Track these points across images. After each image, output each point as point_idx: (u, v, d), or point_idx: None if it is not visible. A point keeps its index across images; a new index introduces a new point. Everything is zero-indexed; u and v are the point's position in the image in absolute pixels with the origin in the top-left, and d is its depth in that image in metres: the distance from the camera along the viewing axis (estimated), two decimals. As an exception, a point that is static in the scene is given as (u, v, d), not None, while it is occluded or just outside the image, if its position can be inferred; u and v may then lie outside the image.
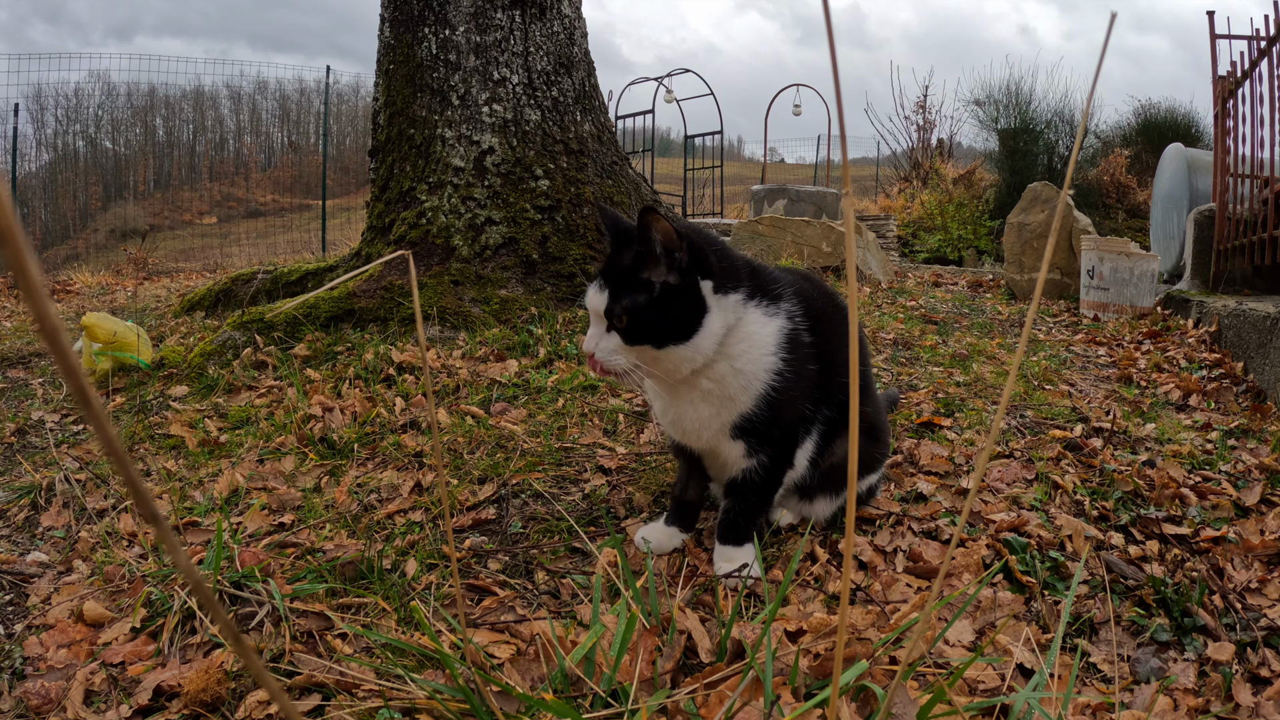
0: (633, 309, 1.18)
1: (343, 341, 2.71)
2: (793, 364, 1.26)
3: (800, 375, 1.28)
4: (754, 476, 1.34)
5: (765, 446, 1.32)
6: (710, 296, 1.21)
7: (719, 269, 1.22)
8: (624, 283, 1.19)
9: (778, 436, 1.31)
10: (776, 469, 1.35)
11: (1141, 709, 1.08)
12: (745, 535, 1.39)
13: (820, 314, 1.34)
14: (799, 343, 1.28)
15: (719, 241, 1.30)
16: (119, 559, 1.50)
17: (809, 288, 1.39)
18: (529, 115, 3.34)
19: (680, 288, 1.19)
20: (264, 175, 23.40)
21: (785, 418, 1.30)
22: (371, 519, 1.65)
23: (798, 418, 1.33)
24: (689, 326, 1.19)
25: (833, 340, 1.35)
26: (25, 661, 1.22)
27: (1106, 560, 1.43)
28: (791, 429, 1.33)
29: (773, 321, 1.26)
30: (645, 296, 1.19)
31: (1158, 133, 12.07)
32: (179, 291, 4.97)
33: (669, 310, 1.19)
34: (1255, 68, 4.01)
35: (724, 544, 1.39)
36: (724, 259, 1.25)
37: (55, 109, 19.22)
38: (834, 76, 0.41)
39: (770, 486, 1.37)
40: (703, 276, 1.20)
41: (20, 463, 2.04)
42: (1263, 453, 2.00)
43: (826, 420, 1.38)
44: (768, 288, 1.28)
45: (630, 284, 1.19)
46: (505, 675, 1.11)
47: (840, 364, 1.35)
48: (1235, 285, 4.11)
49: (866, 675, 1.06)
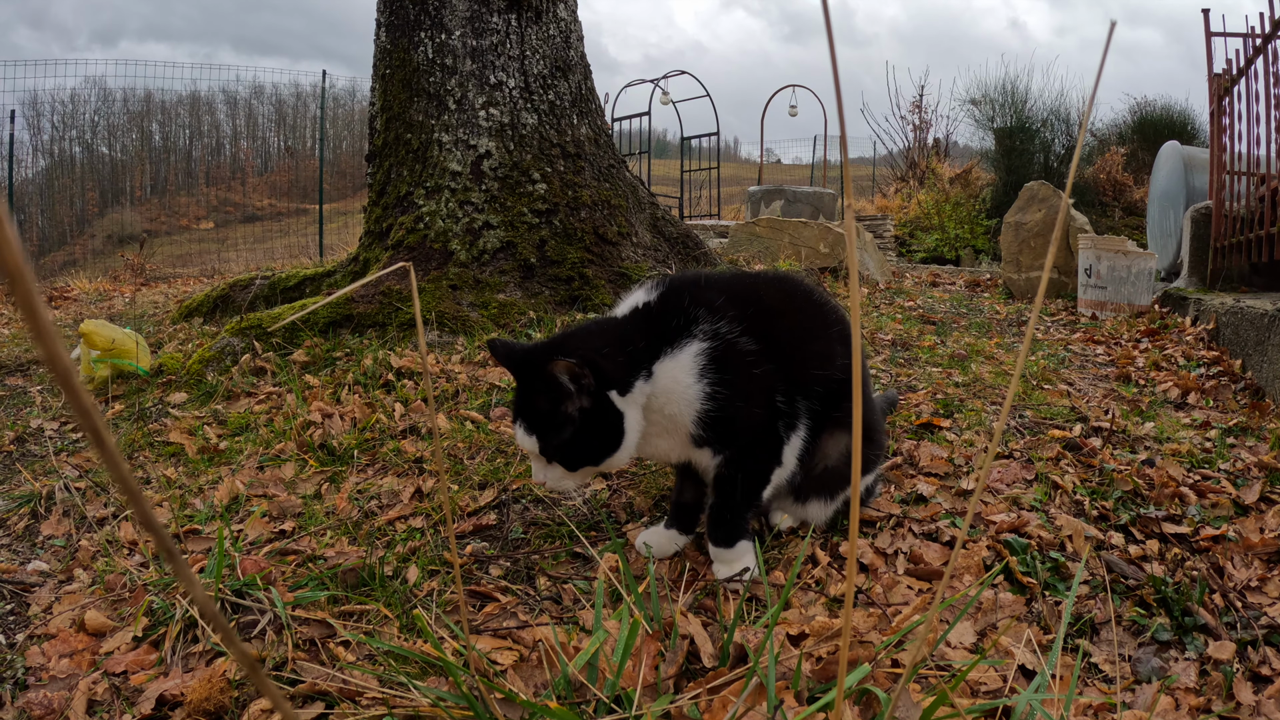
0: (563, 444, 1.27)
1: (341, 347, 2.71)
2: (727, 377, 1.30)
3: (742, 381, 1.31)
4: (730, 472, 1.37)
5: (731, 447, 1.35)
6: (619, 400, 1.27)
7: (619, 374, 1.27)
8: (547, 423, 1.27)
9: (744, 438, 1.34)
10: (755, 465, 1.37)
11: (1143, 709, 1.08)
12: (735, 533, 1.39)
13: (774, 312, 1.38)
14: (733, 353, 1.31)
15: (611, 329, 1.33)
16: (120, 567, 1.50)
17: (760, 289, 1.42)
18: (526, 119, 3.34)
19: (595, 408, 1.26)
20: (260, 180, 23.39)
21: (741, 421, 1.33)
22: (372, 525, 1.64)
23: (764, 416, 1.35)
24: (615, 437, 1.28)
25: (796, 334, 1.38)
26: (27, 671, 1.22)
27: (1107, 560, 1.43)
28: (759, 427, 1.35)
29: (684, 354, 1.30)
30: (570, 429, 1.27)
31: (1154, 130, 12.10)
32: (177, 297, 4.97)
33: (594, 432, 1.27)
34: (1251, 65, 4.02)
35: (715, 544, 1.40)
36: (621, 350, 1.29)
37: (51, 115, 19.21)
38: (835, 88, 0.42)
39: (753, 482, 1.38)
40: (608, 387, 1.26)
41: (20, 471, 2.04)
42: (1261, 450, 2.01)
43: (811, 412, 1.39)
44: (674, 325, 1.32)
45: (552, 421, 1.27)
46: (508, 682, 1.11)
47: (812, 356, 1.37)
48: (1232, 282, 4.12)
49: (869, 678, 1.07)
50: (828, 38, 0.44)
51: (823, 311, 1.44)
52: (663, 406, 1.30)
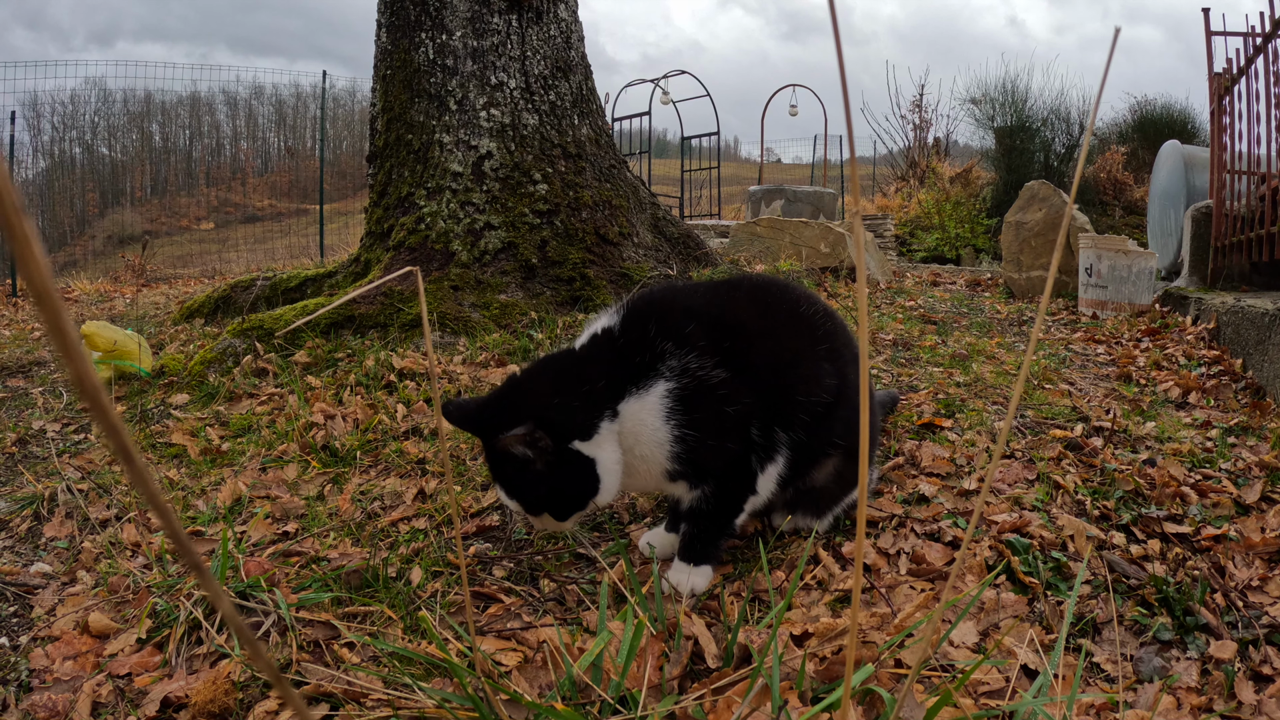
0: (543, 499, 1.25)
1: (343, 348, 2.71)
2: (697, 417, 1.25)
3: (713, 421, 1.26)
4: (703, 506, 1.33)
5: (704, 483, 1.31)
6: (586, 446, 1.23)
7: (578, 422, 1.22)
8: (521, 485, 1.24)
9: (717, 473, 1.30)
10: (726, 499, 1.33)
11: (1145, 708, 1.08)
12: (704, 556, 1.36)
13: (753, 334, 1.31)
14: (703, 390, 1.25)
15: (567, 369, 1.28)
16: (123, 569, 1.50)
17: (738, 307, 1.36)
18: (527, 119, 3.34)
19: (561, 461, 1.22)
20: (261, 180, 23.39)
21: (713, 458, 1.28)
22: (375, 527, 1.65)
23: (738, 451, 1.29)
24: (591, 482, 1.24)
25: (777, 359, 1.32)
26: (31, 674, 1.23)
27: (1108, 560, 1.43)
28: (733, 462, 1.30)
29: (650, 396, 1.24)
30: (545, 486, 1.23)
31: (1154, 129, 12.10)
32: (178, 298, 4.97)
33: (570, 482, 1.24)
34: (1251, 64, 4.02)
35: (681, 559, 1.37)
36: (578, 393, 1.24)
37: (51, 116, 19.22)
38: (843, 93, 0.42)
39: (723, 515, 1.34)
40: (569, 440, 1.22)
41: (22, 473, 2.04)
42: (1263, 450, 2.01)
43: (794, 443, 1.33)
44: (640, 362, 1.26)
45: (525, 482, 1.24)
46: (513, 683, 1.12)
47: (795, 383, 1.31)
48: (1233, 281, 4.12)
49: (873, 678, 1.07)
50: (835, 41, 0.44)
51: (809, 326, 1.37)
52: (632, 447, 1.26)
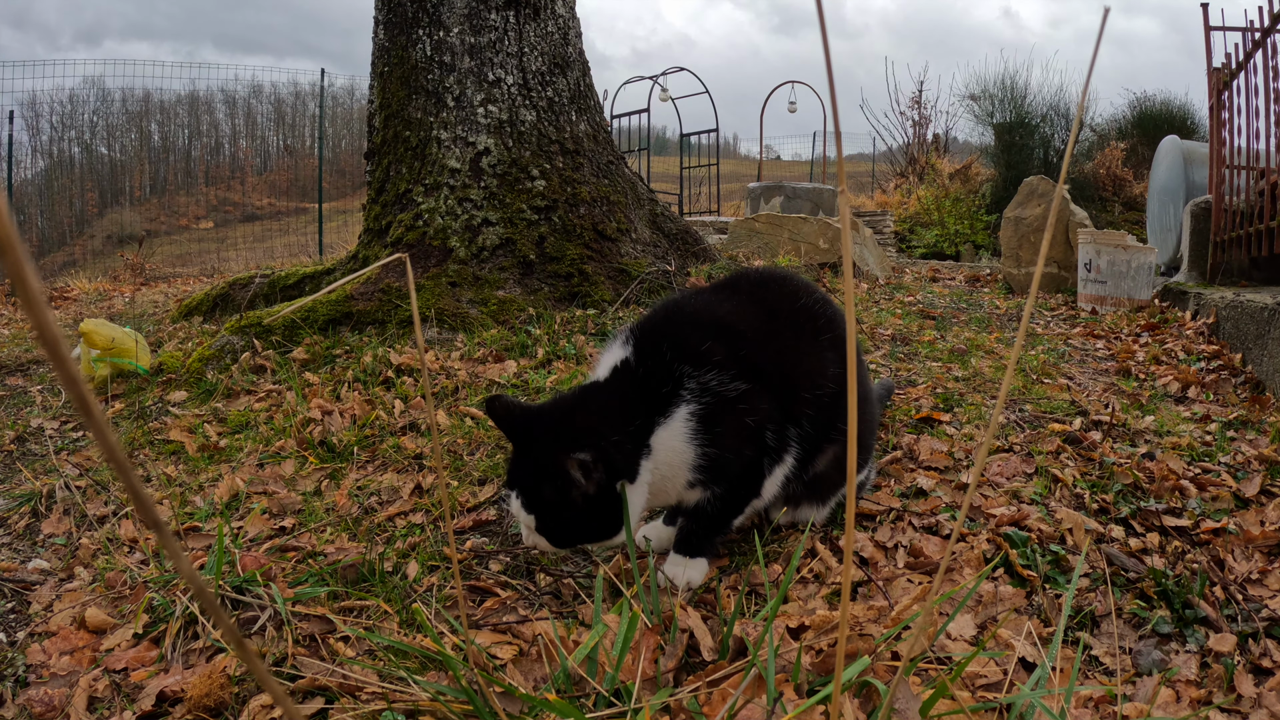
0: (560, 526, 1.22)
1: (341, 344, 2.71)
2: (719, 430, 1.26)
3: (734, 432, 1.27)
4: (708, 506, 1.34)
5: (717, 485, 1.32)
6: (626, 488, 1.22)
7: (628, 463, 1.21)
8: (548, 506, 1.21)
9: (729, 478, 1.31)
10: (732, 500, 1.34)
11: (1144, 701, 1.08)
12: (700, 550, 1.37)
13: (762, 337, 1.33)
14: (724, 405, 1.25)
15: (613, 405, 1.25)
16: (120, 565, 1.50)
17: (746, 311, 1.37)
18: (524, 116, 3.34)
19: (600, 497, 1.20)
20: (260, 179, 23.37)
21: (732, 465, 1.29)
22: (372, 522, 1.65)
23: (753, 456, 1.31)
24: (614, 522, 1.23)
25: (786, 358, 1.34)
26: (28, 669, 1.22)
27: (1107, 553, 1.43)
28: (748, 467, 1.31)
29: (675, 421, 1.24)
30: (570, 514, 1.21)
31: (1153, 125, 12.08)
32: (176, 297, 4.97)
33: (595, 517, 1.21)
34: (1250, 59, 4.01)
35: (677, 552, 1.38)
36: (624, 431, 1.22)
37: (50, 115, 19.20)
38: (829, 83, 0.41)
39: (725, 514, 1.35)
40: (618, 479, 1.21)
41: (20, 470, 2.04)
42: (1262, 444, 2.01)
43: (802, 437, 1.35)
44: (663, 391, 1.25)
45: (555, 506, 1.21)
46: (508, 676, 1.11)
47: (802, 378, 1.33)
48: (1232, 277, 4.11)
49: (869, 671, 1.07)
50: (821, 33, 0.43)
51: (812, 317, 1.39)
52: (657, 468, 1.26)
